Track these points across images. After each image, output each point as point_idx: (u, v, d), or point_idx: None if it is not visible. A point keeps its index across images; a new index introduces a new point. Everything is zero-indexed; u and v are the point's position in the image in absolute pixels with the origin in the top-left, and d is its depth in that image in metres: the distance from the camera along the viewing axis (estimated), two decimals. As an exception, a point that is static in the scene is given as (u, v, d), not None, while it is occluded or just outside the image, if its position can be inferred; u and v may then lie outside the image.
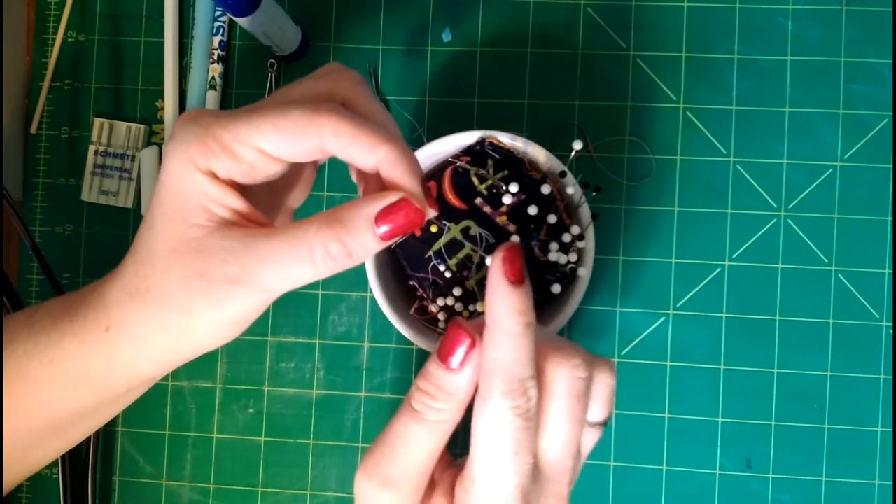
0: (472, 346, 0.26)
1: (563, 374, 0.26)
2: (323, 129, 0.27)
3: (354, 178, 0.32)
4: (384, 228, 0.27)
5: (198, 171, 0.27)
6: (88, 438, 0.47)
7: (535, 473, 0.26)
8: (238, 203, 0.28)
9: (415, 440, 0.26)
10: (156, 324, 0.28)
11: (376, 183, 0.29)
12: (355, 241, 0.27)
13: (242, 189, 0.29)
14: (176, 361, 0.30)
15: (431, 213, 0.28)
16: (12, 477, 0.33)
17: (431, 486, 0.28)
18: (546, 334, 0.28)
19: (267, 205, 0.33)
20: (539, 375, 0.26)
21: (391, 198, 0.27)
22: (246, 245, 0.27)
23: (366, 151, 0.27)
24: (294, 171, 0.32)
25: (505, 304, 0.25)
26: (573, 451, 0.27)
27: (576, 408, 0.27)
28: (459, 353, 0.26)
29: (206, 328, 0.28)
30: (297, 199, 0.34)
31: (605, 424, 0.29)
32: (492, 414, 0.25)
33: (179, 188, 0.28)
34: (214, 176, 0.28)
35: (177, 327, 0.28)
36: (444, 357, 0.26)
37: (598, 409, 0.28)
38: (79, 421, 0.32)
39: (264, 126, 0.27)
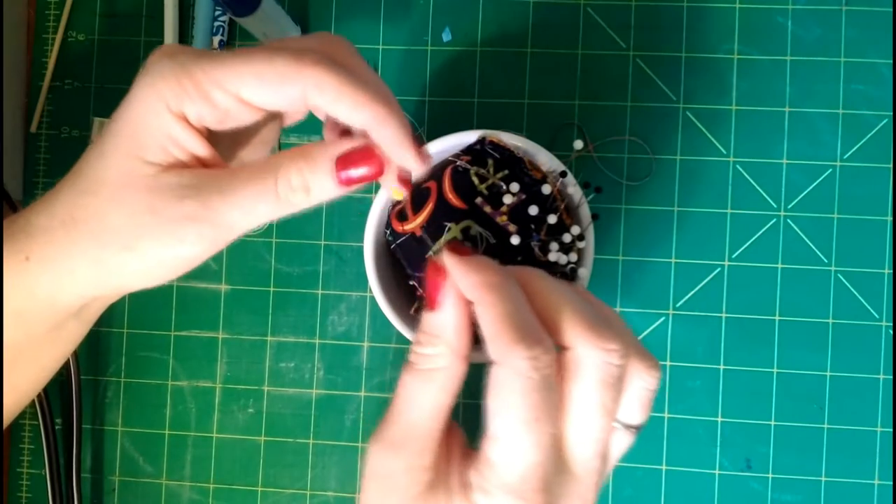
0: (444, 277, 0.25)
1: (592, 354, 0.24)
2: (306, 80, 0.26)
3: (327, 136, 0.31)
4: (345, 173, 0.27)
5: (168, 111, 0.26)
6: (72, 435, 0.47)
7: (559, 464, 0.24)
8: (202, 150, 0.27)
9: (414, 396, 0.25)
10: (88, 256, 0.27)
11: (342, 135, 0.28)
12: (315, 177, 0.27)
13: (207, 134, 0.28)
14: (100, 296, 0.29)
15: (418, 170, 0.28)
16: None
17: (447, 465, 0.26)
18: (583, 308, 0.25)
19: (224, 155, 0.32)
20: (567, 351, 0.25)
21: (356, 143, 0.27)
22: (207, 182, 0.27)
23: (351, 109, 0.27)
24: (258, 125, 0.31)
25: (468, 266, 0.25)
26: (601, 449, 0.25)
27: (604, 396, 0.24)
28: (436, 289, 0.26)
29: (148, 265, 0.27)
30: (254, 155, 0.33)
31: (639, 429, 0.26)
32: (505, 374, 0.24)
33: (144, 124, 0.27)
34: (185, 119, 0.27)
35: (112, 262, 0.27)
36: (427, 302, 0.26)
37: (633, 408, 0.26)
38: (14, 363, 0.30)
39: (246, 72, 0.26)
